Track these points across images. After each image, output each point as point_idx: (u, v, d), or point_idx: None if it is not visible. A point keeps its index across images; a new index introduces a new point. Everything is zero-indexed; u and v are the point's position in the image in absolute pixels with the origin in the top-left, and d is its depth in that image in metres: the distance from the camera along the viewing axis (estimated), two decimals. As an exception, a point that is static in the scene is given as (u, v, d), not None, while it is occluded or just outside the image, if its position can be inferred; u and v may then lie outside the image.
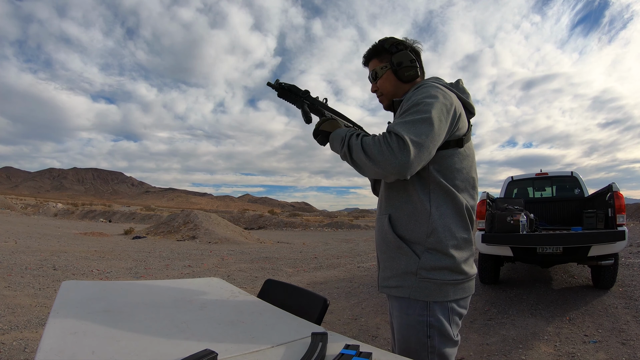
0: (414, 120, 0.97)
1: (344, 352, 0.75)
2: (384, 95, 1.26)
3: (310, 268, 7.27)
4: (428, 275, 1.01)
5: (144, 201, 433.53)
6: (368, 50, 1.27)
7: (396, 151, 0.93)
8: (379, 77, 1.24)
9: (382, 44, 1.22)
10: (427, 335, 0.99)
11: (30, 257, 7.18)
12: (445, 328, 1.00)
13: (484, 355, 2.82)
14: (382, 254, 1.14)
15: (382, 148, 0.95)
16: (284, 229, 25.79)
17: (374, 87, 1.28)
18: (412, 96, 1.06)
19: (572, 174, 5.93)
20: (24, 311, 3.66)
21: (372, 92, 1.30)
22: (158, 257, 8.45)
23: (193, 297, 1.24)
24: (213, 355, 0.71)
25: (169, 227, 15.54)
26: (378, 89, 1.27)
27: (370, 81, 1.29)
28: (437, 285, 1.01)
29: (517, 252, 4.13)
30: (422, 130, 0.96)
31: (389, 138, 0.95)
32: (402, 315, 1.04)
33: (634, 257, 6.46)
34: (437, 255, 1.02)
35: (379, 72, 1.24)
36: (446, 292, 1.01)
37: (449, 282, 1.01)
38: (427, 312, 1.00)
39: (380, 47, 1.23)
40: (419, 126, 0.96)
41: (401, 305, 1.05)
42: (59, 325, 0.86)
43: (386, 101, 1.28)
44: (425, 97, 1.01)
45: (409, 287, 1.03)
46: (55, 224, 22.03)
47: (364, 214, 59.08)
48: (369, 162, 0.98)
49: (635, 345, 2.86)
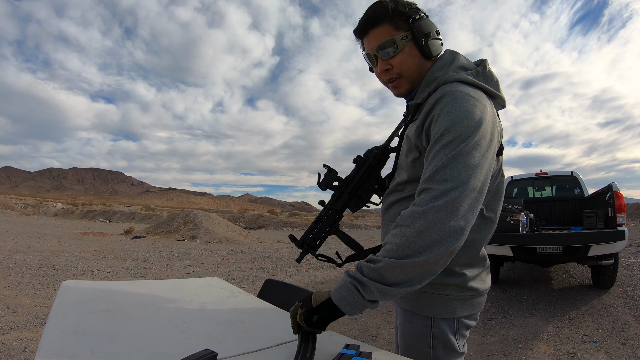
0: (459, 164, 0.74)
1: (344, 352, 0.75)
2: (403, 78, 0.92)
3: (311, 268, 7.27)
4: (433, 290, 0.87)
5: (144, 201, 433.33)
6: (370, 12, 0.90)
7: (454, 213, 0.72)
8: (398, 51, 0.88)
9: (394, 4, 0.88)
10: (431, 346, 0.89)
11: (30, 257, 7.18)
12: (450, 340, 0.88)
13: (484, 355, 2.82)
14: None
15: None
16: (284, 229, 25.79)
17: (384, 66, 0.91)
18: (452, 112, 0.77)
19: (572, 174, 5.94)
20: (24, 311, 3.66)
21: (381, 72, 0.93)
22: (158, 257, 8.45)
23: (193, 297, 1.24)
24: (213, 355, 0.71)
25: (168, 227, 15.54)
26: (393, 67, 0.90)
27: (374, 59, 0.92)
28: (443, 301, 0.87)
29: (517, 252, 4.13)
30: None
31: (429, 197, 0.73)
32: (405, 323, 0.94)
33: (634, 257, 6.46)
34: (445, 272, 0.85)
35: (398, 43, 0.87)
36: (453, 308, 0.88)
37: (456, 297, 0.88)
38: (431, 324, 0.89)
39: (392, 8, 0.87)
40: (463, 171, 0.74)
41: (405, 314, 0.95)
42: (59, 325, 0.86)
43: (407, 85, 0.93)
44: (466, 121, 0.75)
45: (412, 300, 0.90)
46: (55, 223, 22.03)
47: (364, 214, 59.07)
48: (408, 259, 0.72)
49: (635, 345, 2.86)
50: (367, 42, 0.93)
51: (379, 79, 0.98)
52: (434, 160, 0.76)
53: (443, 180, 0.73)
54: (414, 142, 0.86)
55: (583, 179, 5.85)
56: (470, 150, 0.74)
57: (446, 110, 0.78)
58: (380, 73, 0.94)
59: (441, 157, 0.75)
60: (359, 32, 0.93)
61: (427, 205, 0.71)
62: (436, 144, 0.77)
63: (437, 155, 0.76)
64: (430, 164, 0.77)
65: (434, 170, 0.75)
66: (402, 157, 0.94)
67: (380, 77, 0.96)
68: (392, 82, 0.93)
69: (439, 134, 0.77)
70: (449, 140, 0.75)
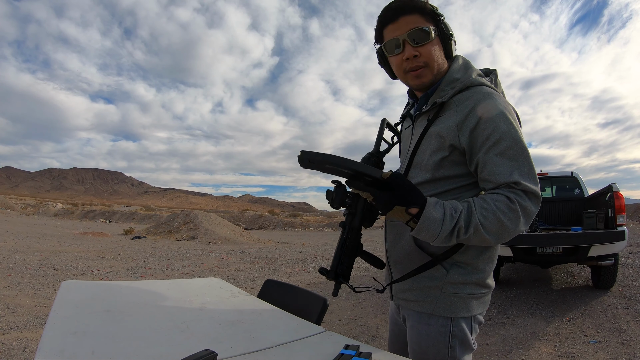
0: (528, 162, 0.83)
1: (344, 352, 0.75)
2: (428, 68, 0.92)
3: (310, 268, 7.27)
4: (454, 290, 0.90)
5: (144, 201, 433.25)
6: (406, 1, 0.91)
7: (533, 213, 0.82)
8: (429, 40, 0.90)
9: (426, 2, 0.93)
10: (449, 345, 0.90)
11: (30, 257, 7.18)
12: (467, 338, 0.92)
13: (484, 355, 2.82)
14: (399, 264, 0.99)
15: (518, 216, 0.80)
16: (283, 229, 25.78)
17: (413, 52, 0.90)
18: (500, 117, 0.84)
19: (572, 174, 5.94)
20: (24, 311, 3.66)
21: (406, 59, 0.92)
22: (158, 257, 8.44)
23: (193, 297, 1.24)
24: (213, 355, 0.71)
25: (168, 227, 15.54)
26: (421, 55, 0.91)
27: (401, 44, 0.91)
28: (463, 300, 0.91)
29: (517, 252, 4.13)
30: (534, 170, 0.84)
31: (523, 200, 0.80)
32: (421, 325, 0.94)
33: (634, 257, 6.46)
34: (467, 269, 0.91)
35: (431, 33, 0.90)
36: (470, 306, 0.91)
37: (474, 295, 0.92)
38: (450, 323, 0.91)
39: (426, 4, 0.92)
40: (533, 168, 0.84)
41: (420, 316, 0.94)
42: (59, 325, 0.86)
43: (429, 76, 0.94)
44: (514, 126, 0.84)
45: (431, 302, 0.92)
46: (55, 224, 22.03)
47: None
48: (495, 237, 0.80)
49: (635, 345, 2.86)
50: (394, 28, 0.91)
51: (396, 68, 0.97)
52: (506, 159, 0.83)
53: (529, 178, 0.82)
54: (449, 141, 0.88)
55: (583, 180, 5.85)
56: (527, 151, 0.84)
57: (497, 111, 0.85)
58: (404, 60, 0.92)
59: (515, 155, 0.83)
60: (388, 17, 0.92)
61: (526, 203, 0.81)
62: (498, 144, 0.83)
63: (507, 154, 0.83)
64: (504, 163, 0.83)
65: (515, 168, 0.82)
66: (424, 155, 0.94)
67: (401, 65, 0.94)
68: (415, 71, 0.93)
69: (500, 134, 0.83)
70: (513, 141, 0.83)
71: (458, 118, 0.87)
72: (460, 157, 0.90)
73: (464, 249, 0.90)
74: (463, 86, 0.90)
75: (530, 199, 0.81)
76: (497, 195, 0.81)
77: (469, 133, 0.85)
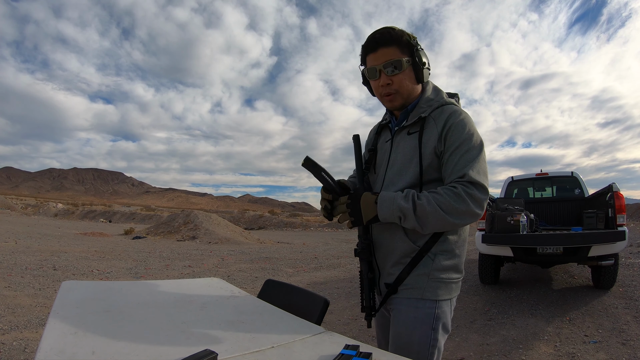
0: (479, 162, 1.02)
1: (344, 352, 0.75)
2: (399, 94, 1.10)
3: (311, 268, 7.27)
4: (440, 275, 1.05)
5: (144, 201, 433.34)
6: (385, 33, 1.06)
7: (480, 199, 0.97)
8: (401, 70, 1.06)
9: (403, 35, 1.06)
10: (432, 327, 1.03)
11: (31, 257, 7.18)
12: (447, 319, 1.07)
13: (484, 355, 2.82)
14: (388, 261, 1.10)
15: (465, 200, 0.97)
16: (284, 229, 25.78)
17: (386, 80, 1.08)
18: (463, 129, 1.04)
19: (572, 174, 5.94)
20: (24, 311, 3.66)
21: (381, 86, 1.10)
22: (158, 257, 8.45)
23: (193, 297, 1.24)
24: (213, 356, 0.71)
25: (169, 227, 15.54)
26: (393, 83, 1.08)
27: (378, 73, 1.08)
28: (445, 284, 1.05)
29: (517, 252, 4.13)
30: (486, 170, 1.04)
31: (468, 189, 0.97)
32: (410, 309, 1.05)
33: (634, 257, 6.46)
34: (448, 255, 1.06)
35: (403, 64, 1.06)
36: (450, 289, 1.07)
37: (453, 280, 1.08)
38: (435, 305, 1.04)
39: (403, 36, 1.06)
40: (483, 166, 1.02)
41: (409, 302, 1.06)
42: (59, 325, 0.86)
43: (400, 101, 1.11)
44: (474, 135, 1.05)
45: (420, 288, 1.05)
46: (56, 224, 22.04)
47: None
48: (450, 216, 0.97)
49: (636, 345, 2.86)
50: (373, 58, 1.08)
51: (374, 91, 1.16)
52: (462, 159, 1.01)
53: (476, 172, 0.99)
54: (434, 149, 1.05)
55: (583, 180, 5.85)
56: (483, 153, 1.04)
57: (463, 124, 1.04)
58: (379, 86, 1.11)
59: (469, 157, 1.01)
60: (370, 47, 1.08)
61: (473, 191, 0.97)
62: (460, 148, 1.02)
63: (464, 156, 1.02)
64: (460, 161, 1.01)
65: (466, 165, 1.00)
66: (410, 163, 1.09)
67: (377, 89, 1.13)
68: (389, 96, 1.11)
69: (461, 141, 1.03)
70: (470, 146, 1.03)
71: (438, 129, 1.06)
72: (440, 161, 1.07)
73: (444, 239, 1.06)
74: (438, 104, 1.10)
75: (477, 187, 0.97)
76: (446, 185, 1.01)
77: (444, 140, 1.04)
